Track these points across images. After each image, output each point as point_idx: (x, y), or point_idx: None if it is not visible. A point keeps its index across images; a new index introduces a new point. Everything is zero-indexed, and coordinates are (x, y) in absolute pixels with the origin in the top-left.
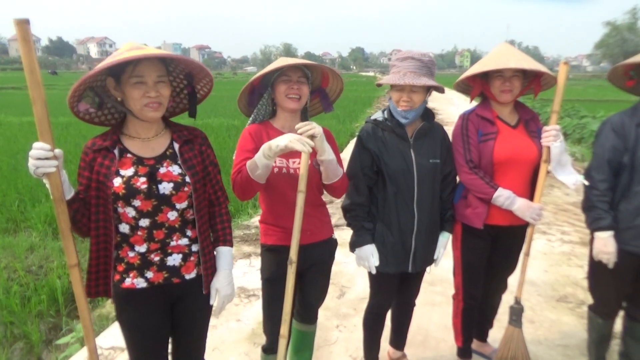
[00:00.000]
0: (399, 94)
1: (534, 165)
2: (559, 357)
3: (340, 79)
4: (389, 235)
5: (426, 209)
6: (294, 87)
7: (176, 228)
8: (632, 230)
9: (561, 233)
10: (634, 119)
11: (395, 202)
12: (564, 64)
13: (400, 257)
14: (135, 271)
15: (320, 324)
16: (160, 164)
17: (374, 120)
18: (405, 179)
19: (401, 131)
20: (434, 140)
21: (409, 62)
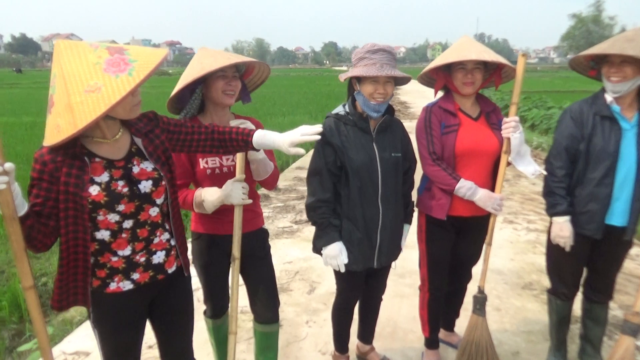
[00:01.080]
0: (374, 86)
1: (495, 157)
2: (523, 343)
3: (267, 72)
4: (355, 232)
5: (390, 203)
6: (231, 83)
7: (158, 224)
8: (585, 215)
9: (527, 222)
10: (593, 108)
11: (360, 197)
12: (522, 56)
13: (366, 254)
14: (120, 275)
15: (289, 320)
16: (130, 163)
17: (335, 114)
18: (370, 173)
19: (364, 125)
20: (394, 135)
21: (381, 54)
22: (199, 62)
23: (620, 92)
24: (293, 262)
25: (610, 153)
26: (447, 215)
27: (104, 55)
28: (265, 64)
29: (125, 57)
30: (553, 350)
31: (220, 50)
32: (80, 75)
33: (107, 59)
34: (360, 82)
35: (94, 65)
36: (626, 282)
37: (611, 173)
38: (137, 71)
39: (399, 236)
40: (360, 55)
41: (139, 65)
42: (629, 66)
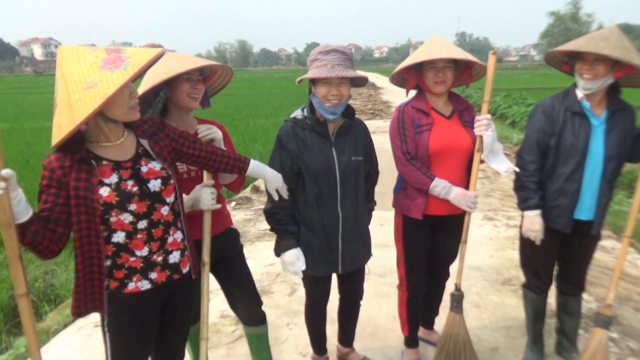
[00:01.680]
0: (327, 88)
1: (468, 155)
2: (502, 338)
3: (230, 76)
4: (313, 238)
5: (350, 208)
6: (196, 86)
7: (170, 222)
8: (555, 209)
9: (507, 218)
10: (564, 104)
11: (318, 203)
12: (492, 54)
13: (327, 259)
14: (138, 274)
15: (270, 323)
16: (138, 164)
17: (293, 119)
18: (328, 178)
19: (322, 129)
20: (355, 138)
21: (333, 54)
22: (165, 64)
23: (591, 90)
24: (275, 264)
25: (579, 148)
26: (423, 214)
27: (101, 55)
28: (229, 67)
29: (121, 55)
30: (530, 345)
31: (183, 54)
32: (79, 75)
33: (104, 57)
34: (314, 84)
35: (92, 64)
36: (601, 275)
37: (580, 168)
38: (131, 66)
39: (363, 241)
40: (313, 57)
41: (134, 61)
42: (602, 65)
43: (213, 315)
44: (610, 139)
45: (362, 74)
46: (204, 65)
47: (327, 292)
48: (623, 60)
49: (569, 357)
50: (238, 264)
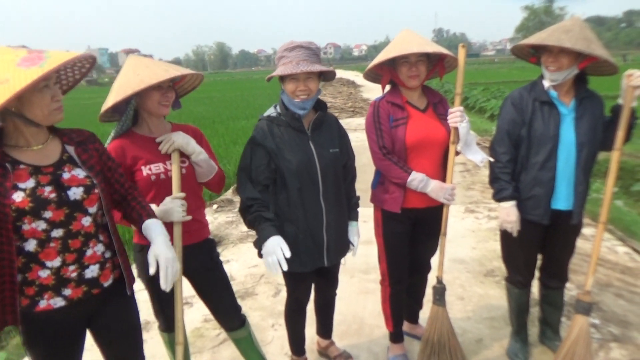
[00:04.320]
0: (294, 84)
1: (444, 147)
2: (486, 329)
3: (200, 79)
4: (298, 234)
5: (333, 200)
6: (167, 94)
7: (92, 234)
8: (531, 200)
9: (488, 210)
10: (532, 94)
11: (301, 198)
12: (462, 47)
13: (314, 254)
14: (50, 291)
15: (255, 325)
16: (60, 170)
17: (267, 117)
18: (309, 172)
19: (297, 124)
20: (330, 130)
21: (297, 50)
22: (135, 73)
23: (557, 81)
24: (258, 266)
25: (550, 137)
26: (402, 208)
27: (21, 54)
28: (200, 74)
29: (42, 54)
30: (514, 335)
31: (153, 60)
32: None
33: (23, 56)
34: (283, 81)
35: (9, 62)
36: (582, 263)
37: (553, 157)
38: (48, 64)
39: (345, 232)
40: (279, 55)
41: (51, 60)
42: (566, 56)
43: (196, 319)
44: (580, 126)
45: (328, 68)
46: (174, 75)
47: (310, 289)
48: (584, 52)
49: (552, 346)
50: (215, 275)
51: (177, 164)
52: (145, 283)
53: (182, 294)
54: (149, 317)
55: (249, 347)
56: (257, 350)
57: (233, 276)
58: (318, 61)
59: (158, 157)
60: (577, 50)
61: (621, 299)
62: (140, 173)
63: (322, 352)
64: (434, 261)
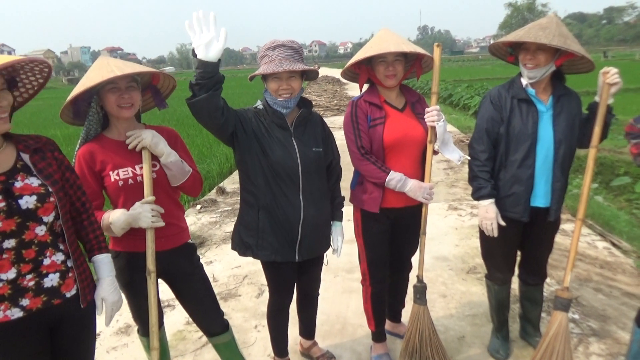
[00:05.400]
0: (277, 83)
1: (422, 146)
2: (468, 327)
3: (171, 79)
4: (272, 222)
5: (313, 198)
6: (124, 96)
7: (48, 243)
8: (510, 198)
9: (471, 207)
10: (510, 92)
11: (281, 191)
12: (437, 46)
13: (286, 246)
14: (6, 302)
15: (238, 327)
16: (13, 179)
17: (255, 107)
18: (290, 168)
19: (280, 121)
20: (314, 129)
21: (280, 49)
22: (86, 75)
23: (535, 78)
24: (241, 267)
25: (529, 134)
26: (381, 207)
27: None
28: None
29: None
30: (495, 332)
31: (116, 60)
32: None
33: None
34: (265, 80)
35: None
36: (562, 258)
37: (532, 154)
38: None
39: (323, 230)
40: (262, 53)
41: None
42: (543, 54)
43: (178, 322)
44: (558, 123)
45: (310, 67)
46: (117, 75)
47: (292, 288)
48: (561, 47)
49: (532, 341)
50: (195, 280)
51: (148, 165)
52: (122, 288)
53: (156, 300)
54: (130, 320)
55: (231, 352)
56: (239, 355)
57: (216, 277)
58: (301, 60)
59: (127, 162)
60: (554, 46)
61: (600, 294)
62: (109, 178)
63: (305, 353)
64: (414, 260)
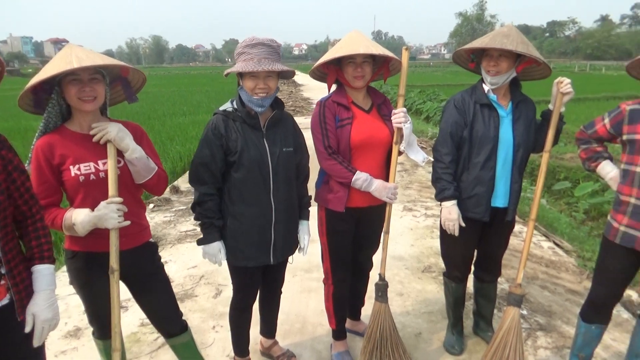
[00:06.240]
0: (254, 82)
1: (387, 147)
2: (424, 323)
3: (140, 73)
4: (245, 229)
5: (283, 198)
6: (85, 88)
7: None
8: (472, 199)
9: (425, 208)
10: (473, 97)
11: (251, 194)
12: (405, 50)
13: (260, 251)
14: None
15: (195, 327)
16: None
17: (223, 111)
18: (261, 169)
19: (253, 121)
20: (285, 129)
21: (259, 48)
22: (50, 62)
23: (497, 84)
24: (198, 266)
25: (490, 137)
26: (346, 207)
27: None
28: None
29: None
30: (451, 327)
31: (81, 50)
32: None
33: None
34: (242, 77)
35: None
36: (511, 257)
37: (493, 157)
38: None
39: (294, 230)
40: (240, 50)
41: None
42: (506, 60)
43: (132, 324)
44: (517, 127)
45: (288, 68)
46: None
47: (257, 288)
48: (525, 54)
49: (485, 336)
50: (155, 280)
51: (113, 160)
52: (77, 290)
53: (119, 298)
54: (80, 323)
55: (190, 353)
56: (198, 356)
57: (172, 278)
58: (279, 60)
59: (89, 156)
60: (518, 52)
61: (546, 291)
62: (68, 173)
63: (265, 353)
64: (376, 258)
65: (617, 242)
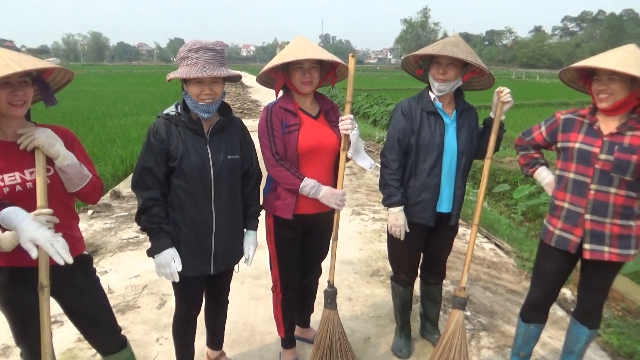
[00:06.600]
0: (199, 87)
1: (335, 153)
2: (373, 328)
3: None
4: (185, 237)
5: (225, 207)
6: (18, 92)
7: None
8: (419, 205)
9: (373, 212)
10: (420, 104)
11: (191, 201)
12: (352, 56)
13: (199, 259)
14: None
15: (137, 341)
16: None
17: (166, 115)
18: (202, 177)
19: (196, 127)
20: (232, 136)
21: (203, 52)
22: None
23: (444, 92)
24: (140, 276)
25: (436, 145)
26: (294, 214)
27: None
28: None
29: None
30: (398, 331)
31: (11, 52)
32: None
33: None
34: (186, 83)
35: None
36: (455, 259)
37: (439, 163)
38: None
39: (237, 240)
40: (183, 55)
41: None
42: (454, 69)
43: (68, 339)
44: (461, 135)
45: (235, 72)
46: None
47: (200, 299)
48: (474, 63)
49: (432, 339)
50: (90, 295)
51: (42, 169)
52: (3, 308)
53: (49, 317)
54: (9, 340)
55: None
56: None
57: (112, 288)
58: (224, 64)
59: (13, 165)
60: (467, 61)
61: (488, 292)
62: None
63: None
64: (325, 265)
65: (552, 244)
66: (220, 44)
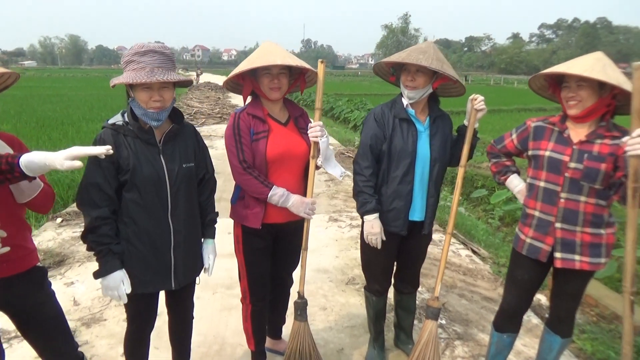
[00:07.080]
0: (148, 93)
1: (305, 161)
2: (347, 338)
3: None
4: (142, 253)
5: (183, 218)
6: None
7: None
8: (391, 212)
9: (350, 219)
10: (393, 111)
11: (146, 215)
12: (321, 62)
13: (158, 275)
14: None
15: (102, 355)
16: None
17: (112, 125)
18: (157, 189)
19: (147, 136)
20: (185, 143)
21: (150, 56)
22: None
23: (414, 99)
24: None
25: (409, 152)
26: (263, 223)
27: None
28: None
29: None
30: (372, 341)
31: None
32: None
33: None
34: (133, 89)
35: None
36: (431, 267)
37: (411, 171)
38: None
39: (197, 251)
40: (128, 58)
41: None
42: (422, 76)
43: (27, 356)
44: (434, 142)
45: (185, 78)
46: None
47: (154, 315)
48: (439, 71)
49: (405, 349)
50: (44, 310)
51: None
52: None
53: None
54: None
55: None
56: None
57: (77, 300)
58: (173, 68)
59: None
60: (432, 69)
61: (464, 299)
62: None
63: None
64: (295, 275)
65: (524, 253)
66: (167, 48)
